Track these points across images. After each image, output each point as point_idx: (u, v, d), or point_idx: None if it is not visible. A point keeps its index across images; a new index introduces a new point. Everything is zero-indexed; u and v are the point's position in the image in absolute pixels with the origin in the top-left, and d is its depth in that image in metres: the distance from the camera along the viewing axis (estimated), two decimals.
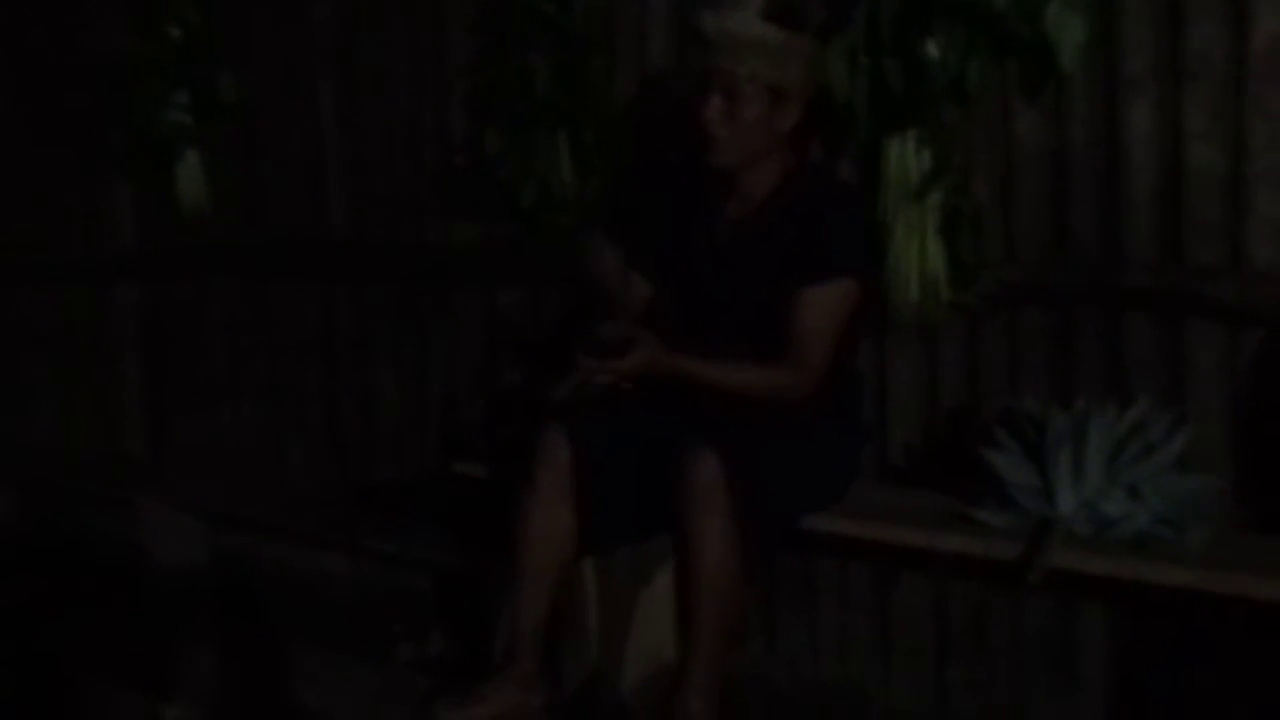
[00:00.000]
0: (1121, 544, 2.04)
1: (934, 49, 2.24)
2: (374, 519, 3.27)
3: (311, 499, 3.51)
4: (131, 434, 4.19)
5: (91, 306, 4.25)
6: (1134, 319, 2.26)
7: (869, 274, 2.28)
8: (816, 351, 2.20)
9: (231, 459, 3.82)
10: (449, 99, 3.17)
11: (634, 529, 2.28)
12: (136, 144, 3.73)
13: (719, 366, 2.19)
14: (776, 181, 2.28)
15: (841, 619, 2.60)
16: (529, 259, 3.02)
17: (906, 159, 2.32)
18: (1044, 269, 2.34)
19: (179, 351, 4.00)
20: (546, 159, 2.84)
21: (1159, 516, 2.05)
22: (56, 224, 4.28)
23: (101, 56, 3.89)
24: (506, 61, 2.91)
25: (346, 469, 3.53)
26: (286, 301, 3.64)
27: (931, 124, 2.30)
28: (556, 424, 2.24)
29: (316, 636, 2.86)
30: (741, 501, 2.04)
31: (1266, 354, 2.15)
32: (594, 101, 2.81)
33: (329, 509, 3.43)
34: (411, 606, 2.92)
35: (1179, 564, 1.96)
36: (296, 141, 3.53)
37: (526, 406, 2.58)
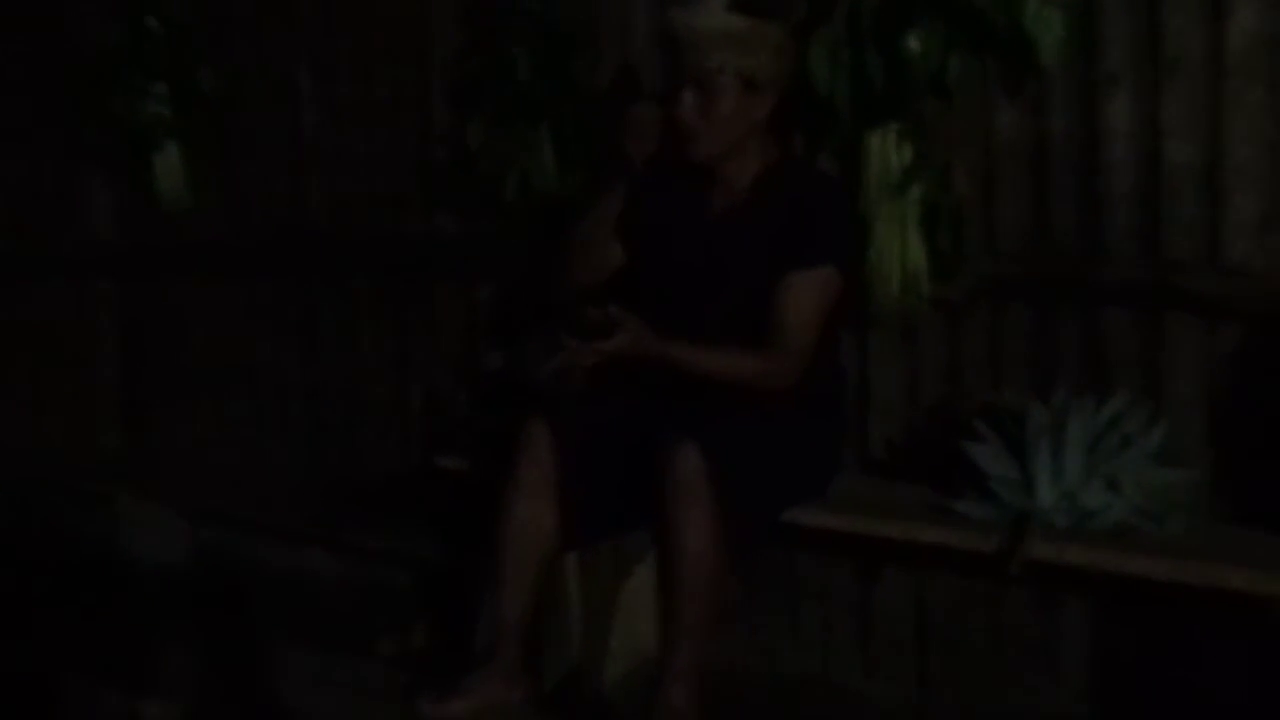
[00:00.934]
0: (1100, 535, 2.06)
1: (915, 44, 2.25)
2: (355, 514, 3.26)
3: (292, 494, 3.49)
4: (110, 429, 4.16)
5: (69, 300, 4.22)
6: (1113, 313, 2.28)
7: (850, 265, 2.28)
8: (800, 338, 2.20)
9: (211, 454, 3.80)
10: (431, 91, 3.16)
11: (616, 523, 2.28)
12: (115, 137, 3.70)
13: (703, 351, 2.19)
14: (759, 171, 2.29)
15: (823, 611, 2.61)
16: (511, 252, 3.02)
17: (887, 153, 2.33)
18: (1024, 263, 2.36)
19: (158, 345, 3.97)
20: (529, 152, 2.83)
21: (1137, 508, 2.07)
22: (33, 217, 4.24)
23: (79, 48, 3.86)
24: (489, 54, 2.90)
25: (327, 464, 3.52)
26: (267, 295, 3.62)
27: (912, 118, 2.31)
28: (538, 418, 2.24)
29: (298, 632, 2.85)
30: (723, 494, 2.04)
31: (1243, 347, 2.17)
32: (576, 94, 2.81)
33: (310, 504, 3.42)
34: (393, 601, 2.91)
35: (1157, 555, 1.98)
36: (277, 134, 3.51)
37: (509, 391, 2.56)
